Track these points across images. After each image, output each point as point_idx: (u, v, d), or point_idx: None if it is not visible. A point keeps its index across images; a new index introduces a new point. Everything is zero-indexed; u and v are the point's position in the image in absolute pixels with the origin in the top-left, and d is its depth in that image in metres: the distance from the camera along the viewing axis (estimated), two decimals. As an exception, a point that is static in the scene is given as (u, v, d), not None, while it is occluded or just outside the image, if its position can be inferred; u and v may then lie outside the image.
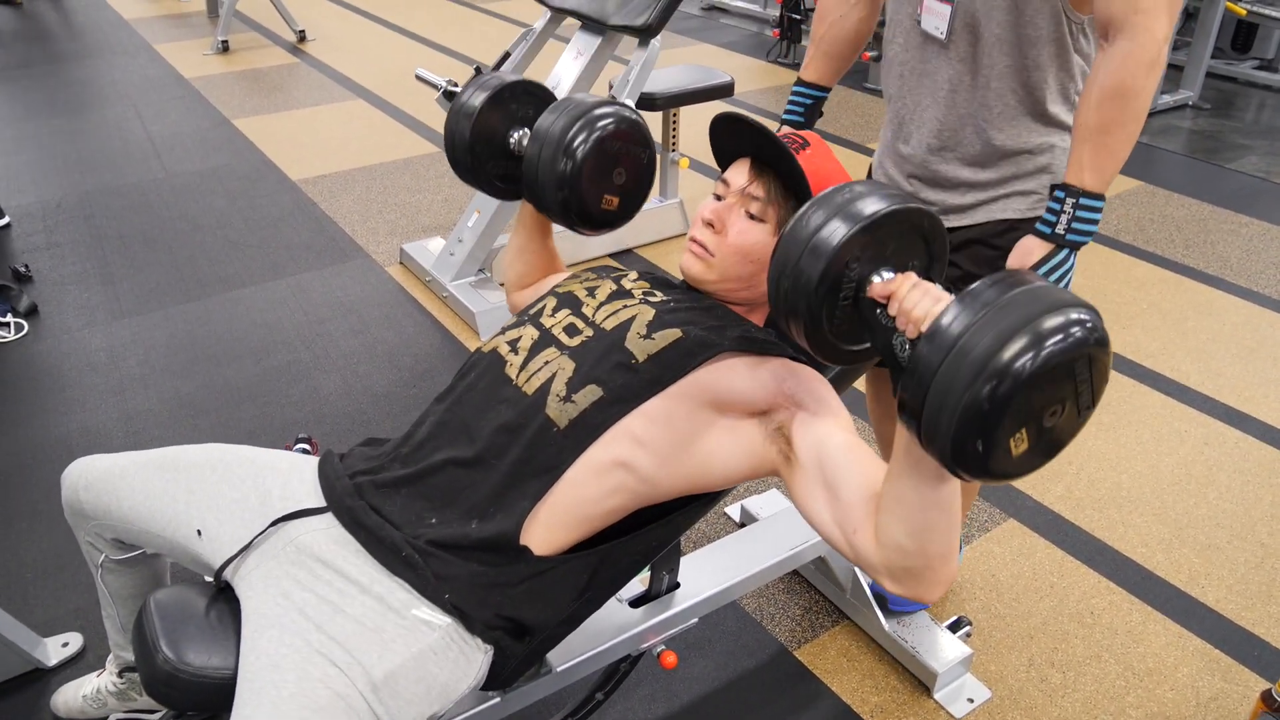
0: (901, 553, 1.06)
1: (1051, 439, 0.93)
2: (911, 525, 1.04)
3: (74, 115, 5.09)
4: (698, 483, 1.27)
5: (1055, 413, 0.91)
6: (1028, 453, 0.92)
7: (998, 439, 0.88)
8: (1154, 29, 1.37)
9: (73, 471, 1.43)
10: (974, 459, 0.89)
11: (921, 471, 1.00)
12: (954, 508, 1.04)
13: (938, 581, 1.08)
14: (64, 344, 3.03)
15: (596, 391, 1.24)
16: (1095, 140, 1.42)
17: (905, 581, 1.09)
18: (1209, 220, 4.08)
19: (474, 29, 7.05)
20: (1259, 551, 2.28)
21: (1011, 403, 0.86)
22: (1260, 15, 5.60)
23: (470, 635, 1.20)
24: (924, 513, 1.03)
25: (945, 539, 1.05)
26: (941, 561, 1.06)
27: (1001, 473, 0.92)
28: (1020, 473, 0.93)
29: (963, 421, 0.87)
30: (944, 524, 1.04)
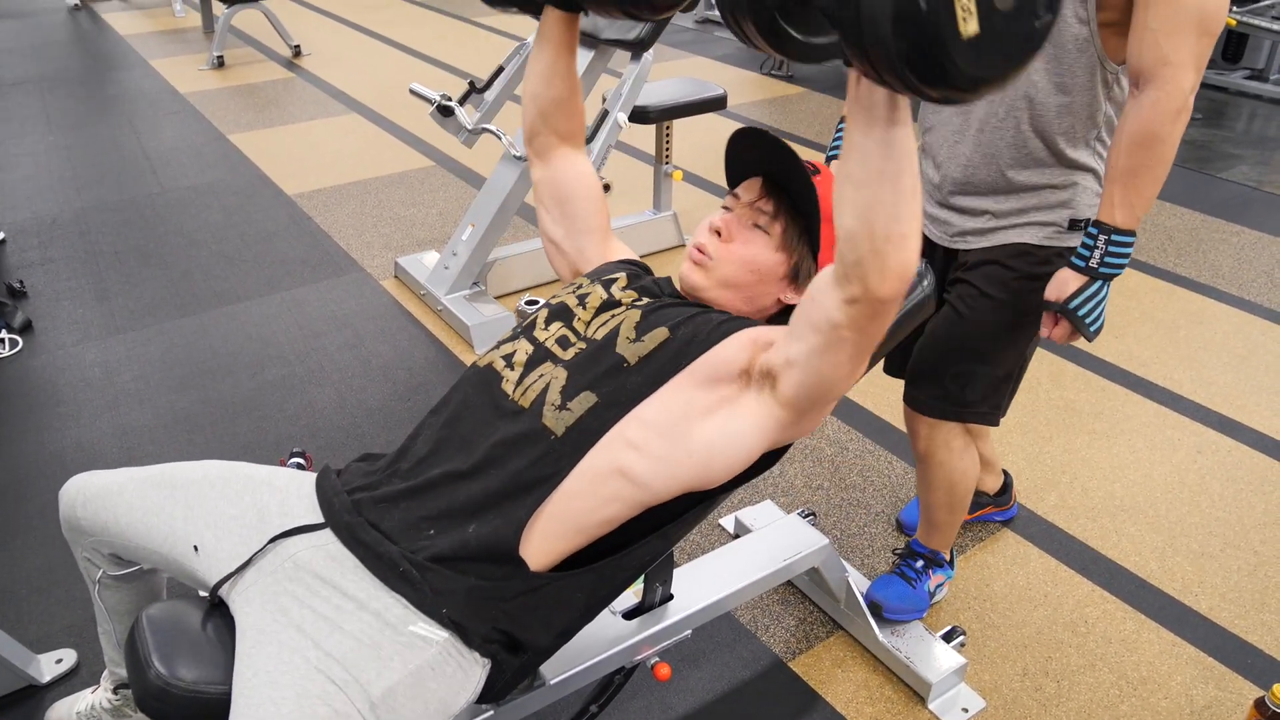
0: (851, 240, 1.05)
1: (1003, 31, 0.85)
2: (859, 204, 1.03)
3: (70, 131, 5.10)
4: (700, 476, 1.27)
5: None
6: (978, 40, 0.83)
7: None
8: (1181, 81, 1.45)
9: (70, 487, 1.43)
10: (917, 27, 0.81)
11: (869, 132, 0.98)
12: (904, 180, 1.01)
13: (888, 269, 1.05)
14: (59, 359, 3.04)
15: (591, 398, 1.26)
16: (1125, 181, 1.53)
17: (855, 274, 1.07)
18: (1200, 229, 4.10)
19: (468, 43, 7.08)
20: (1252, 559, 2.29)
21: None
22: (1250, 26, 5.64)
23: (468, 649, 1.20)
24: (871, 186, 1.01)
25: (896, 217, 1.02)
26: (892, 245, 1.03)
27: (953, 60, 0.83)
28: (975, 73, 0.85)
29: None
30: (894, 200, 1.01)
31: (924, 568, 2.07)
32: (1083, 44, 1.54)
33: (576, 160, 1.60)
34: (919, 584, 2.04)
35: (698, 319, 1.33)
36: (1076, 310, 1.62)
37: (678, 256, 3.82)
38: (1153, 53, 1.45)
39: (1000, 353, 1.80)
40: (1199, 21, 1.43)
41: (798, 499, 2.46)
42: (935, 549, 2.08)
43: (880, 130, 0.98)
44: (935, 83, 0.86)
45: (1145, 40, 1.45)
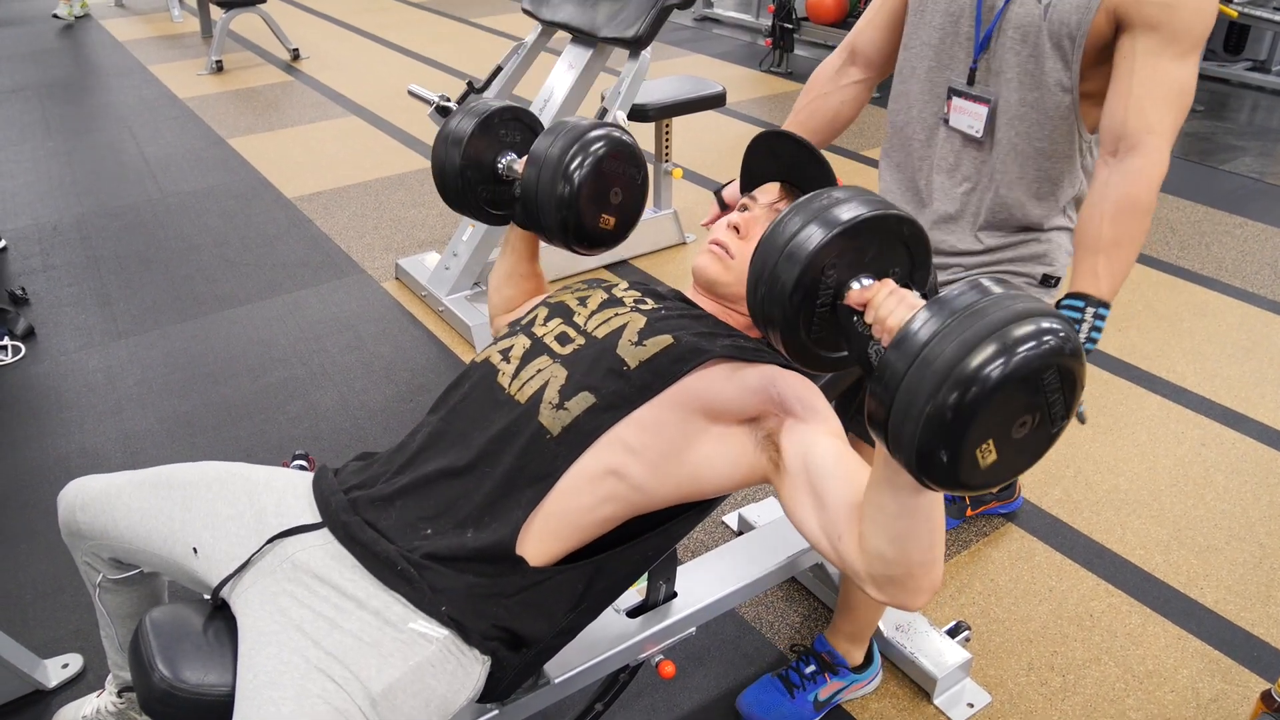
0: (883, 561, 1.06)
1: (1021, 451, 0.90)
2: (892, 533, 1.04)
3: (69, 138, 5.11)
4: (690, 491, 1.28)
5: (1025, 424, 0.88)
6: (997, 464, 0.89)
7: (963, 450, 0.85)
8: (1164, 148, 1.43)
9: (69, 492, 1.43)
10: (940, 469, 0.87)
11: (898, 481, 0.99)
12: (935, 516, 1.03)
13: (920, 589, 1.07)
14: (61, 366, 3.04)
15: (589, 398, 1.25)
16: (1110, 252, 1.45)
17: (888, 589, 1.08)
18: (1204, 222, 4.09)
19: (466, 44, 7.08)
20: (1257, 552, 2.28)
21: (976, 413, 0.83)
22: (1252, 17, 5.62)
23: (468, 647, 1.20)
24: (903, 521, 1.02)
25: (927, 547, 1.04)
26: (923, 570, 1.05)
27: (970, 484, 0.89)
28: (991, 484, 0.91)
29: (926, 431, 0.85)
30: (925, 532, 1.03)
31: (815, 673, 1.87)
32: (1065, 111, 1.51)
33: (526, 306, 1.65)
34: (801, 695, 1.85)
35: (703, 333, 1.31)
36: None
37: (679, 255, 3.82)
38: (1138, 120, 1.42)
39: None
40: (1180, 95, 1.41)
41: (801, 496, 2.45)
42: (838, 646, 1.88)
43: (908, 490, 1.00)
44: (949, 490, 0.90)
45: (1130, 106, 1.42)
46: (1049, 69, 1.49)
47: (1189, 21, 1.38)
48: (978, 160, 1.61)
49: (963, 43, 1.58)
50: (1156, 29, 1.39)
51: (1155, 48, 1.40)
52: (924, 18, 1.63)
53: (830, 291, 1.04)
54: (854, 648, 1.87)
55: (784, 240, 1.03)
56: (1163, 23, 1.38)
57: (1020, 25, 1.49)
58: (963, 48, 1.58)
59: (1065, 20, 1.44)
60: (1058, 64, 1.48)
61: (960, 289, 0.88)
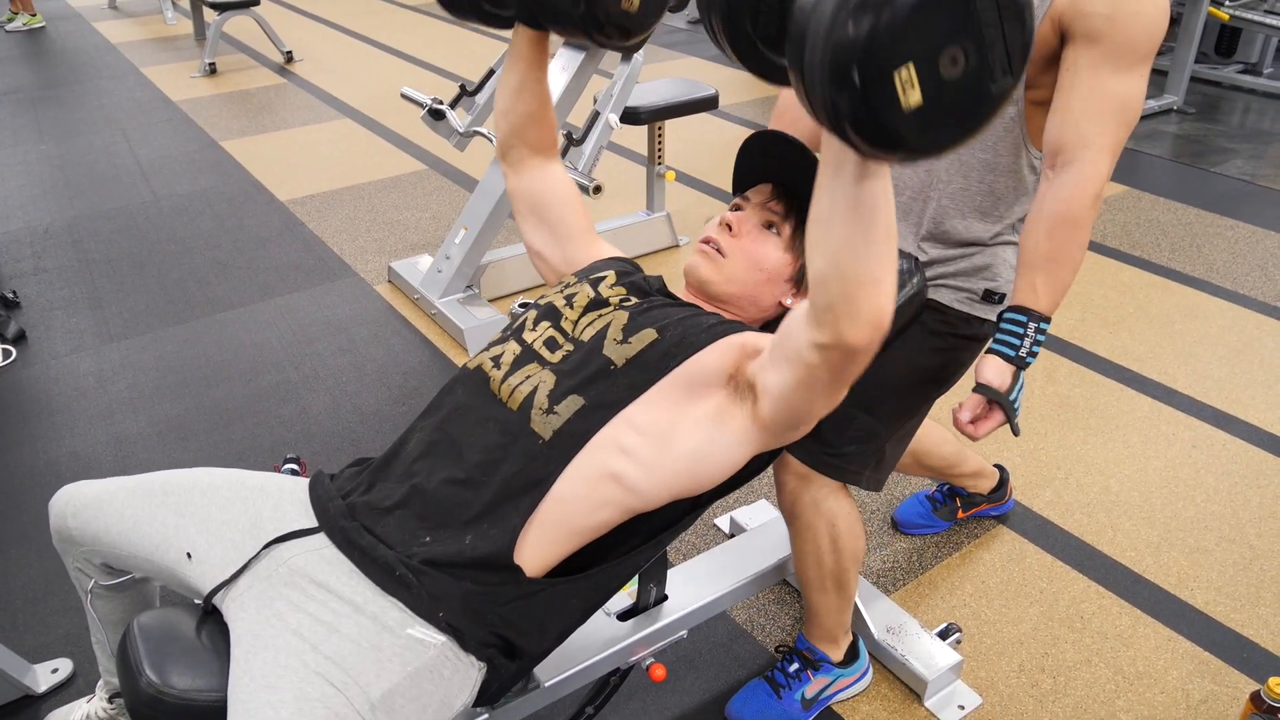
0: (822, 284, 1.02)
1: (953, 97, 0.80)
2: (830, 246, 1.00)
3: (61, 140, 5.10)
4: (688, 482, 1.27)
5: (955, 60, 0.78)
6: (924, 110, 0.78)
7: (878, 69, 0.75)
8: (1100, 164, 1.42)
9: (60, 498, 1.43)
10: (855, 98, 0.77)
11: (838, 176, 0.95)
12: (876, 225, 0.98)
13: (860, 315, 1.02)
14: (52, 369, 3.03)
15: (578, 401, 1.26)
16: (1046, 267, 1.46)
17: (827, 320, 1.04)
18: (1195, 224, 4.11)
19: (459, 46, 7.08)
20: (1247, 553, 2.29)
21: (884, 20, 0.74)
22: (1243, 20, 5.65)
23: (465, 653, 1.20)
24: (842, 228, 0.98)
25: (868, 262, 0.99)
26: (862, 290, 1.00)
27: (896, 129, 0.79)
28: (923, 139, 0.82)
29: (834, 49, 0.75)
30: (865, 243, 0.98)
31: (798, 671, 1.85)
32: (1009, 124, 1.51)
33: (550, 169, 1.60)
34: (787, 694, 1.84)
35: (687, 322, 1.32)
36: (1015, 402, 1.54)
37: (672, 257, 3.82)
38: (1074, 134, 1.42)
39: (885, 405, 1.66)
40: (1121, 109, 1.41)
41: (793, 498, 2.45)
42: (817, 644, 1.87)
43: (850, 176, 0.95)
44: (884, 148, 0.82)
45: (1066, 121, 1.43)
46: None
47: (1132, 35, 1.38)
48: (922, 170, 1.61)
49: None
50: (1098, 42, 1.39)
51: (1096, 61, 1.40)
52: None
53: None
54: (831, 645, 1.87)
55: None
56: (1104, 35, 1.38)
57: None
58: None
59: None
60: None
61: None
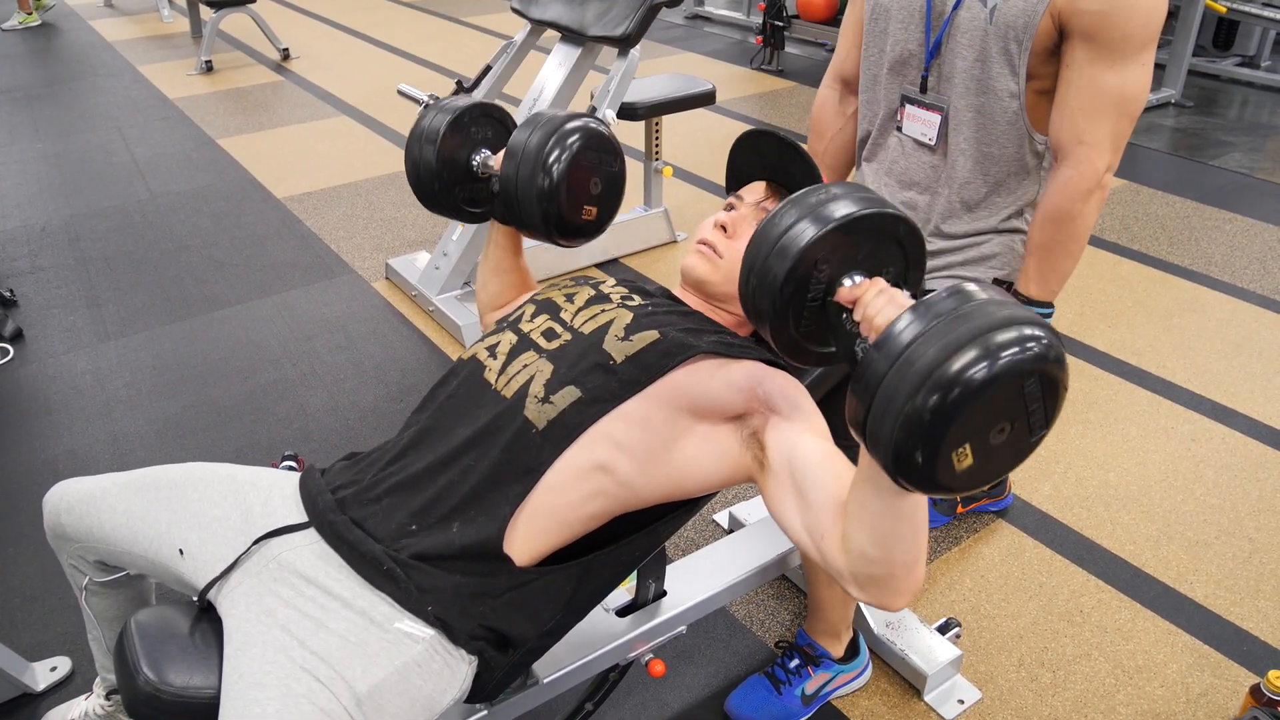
0: (866, 560, 1.06)
1: (999, 457, 0.90)
2: (875, 533, 1.04)
3: (58, 139, 5.09)
4: (676, 489, 1.27)
5: (1003, 430, 0.88)
6: (972, 469, 0.88)
7: (939, 452, 0.85)
8: (1095, 161, 1.45)
9: (54, 495, 1.42)
10: (915, 470, 0.87)
11: (881, 480, 0.99)
12: (918, 517, 1.03)
13: (901, 590, 1.07)
14: (50, 368, 3.03)
15: (574, 393, 1.25)
16: (1039, 255, 1.53)
17: (870, 589, 1.08)
18: (1193, 217, 4.10)
19: (455, 43, 7.06)
20: (1246, 546, 2.29)
21: (953, 416, 0.83)
22: (1241, 12, 5.64)
23: (454, 647, 1.20)
24: (886, 521, 1.02)
25: (909, 547, 1.04)
26: (905, 570, 1.05)
27: (945, 486, 0.89)
28: (966, 488, 0.91)
29: (903, 431, 0.85)
30: (908, 533, 1.03)
31: (799, 667, 1.86)
32: (1012, 117, 1.52)
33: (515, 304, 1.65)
34: (787, 690, 1.84)
35: (690, 329, 1.31)
36: None
37: (669, 253, 3.82)
38: (1070, 131, 1.44)
39: None
40: (1118, 103, 1.42)
41: (792, 493, 2.45)
42: (819, 640, 1.87)
43: (891, 495, 1.00)
44: (925, 492, 0.91)
45: (1064, 117, 1.45)
46: (995, 74, 1.50)
47: (1125, 29, 1.38)
48: (927, 166, 1.62)
49: (914, 50, 1.59)
50: (1092, 38, 1.40)
51: (1091, 57, 1.41)
52: (877, 25, 1.64)
53: (821, 287, 1.04)
54: (833, 641, 1.87)
55: (778, 234, 1.03)
56: (1098, 31, 1.39)
57: (967, 30, 1.50)
58: (915, 55, 1.59)
59: (1011, 23, 1.45)
60: (1004, 69, 1.49)
61: (946, 293, 0.88)
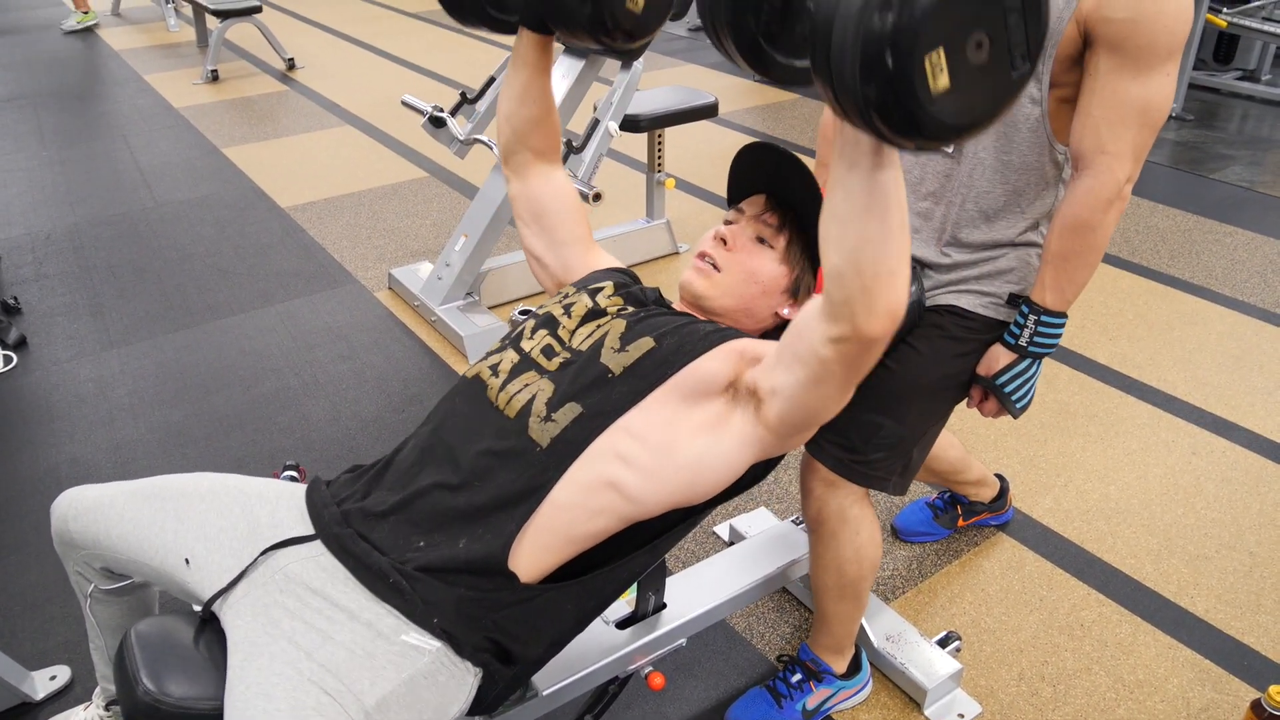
0: (838, 280, 1.04)
1: (978, 83, 0.83)
2: (846, 241, 1.01)
3: (63, 147, 5.11)
4: (687, 491, 1.27)
5: (980, 45, 0.81)
6: (951, 93, 0.81)
7: (911, 57, 0.78)
8: (1116, 170, 1.44)
9: (62, 502, 1.43)
10: (887, 89, 0.80)
11: (854, 169, 0.97)
12: (892, 215, 0.99)
13: (876, 307, 1.03)
14: (53, 375, 3.03)
15: (576, 409, 1.26)
16: (1056, 265, 1.52)
17: (843, 313, 1.05)
18: (1194, 230, 4.11)
19: (460, 53, 7.09)
20: (1248, 560, 2.28)
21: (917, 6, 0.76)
22: (1241, 27, 5.65)
23: (460, 659, 1.20)
24: (858, 221, 1.00)
25: (884, 254, 1.01)
26: (880, 282, 1.02)
27: (926, 114, 0.81)
28: (949, 124, 0.84)
29: (866, 36, 0.78)
30: (881, 235, 1.00)
31: (801, 682, 1.85)
32: (1034, 124, 1.51)
33: (553, 175, 1.61)
34: (789, 704, 1.83)
35: (684, 329, 1.33)
36: (1003, 386, 1.62)
37: (672, 265, 3.83)
38: (1092, 140, 1.44)
39: (910, 411, 1.67)
40: (1141, 113, 1.41)
41: (792, 506, 2.45)
42: (821, 656, 1.87)
43: (865, 169, 0.97)
44: (908, 133, 0.84)
45: (1086, 126, 1.44)
46: None
47: (1150, 39, 1.38)
48: (942, 174, 1.61)
49: None
50: (1118, 48, 1.39)
51: (1116, 66, 1.40)
52: None
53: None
54: (836, 657, 1.87)
55: None
56: (1125, 39, 1.38)
57: None
58: None
59: None
60: None
61: None
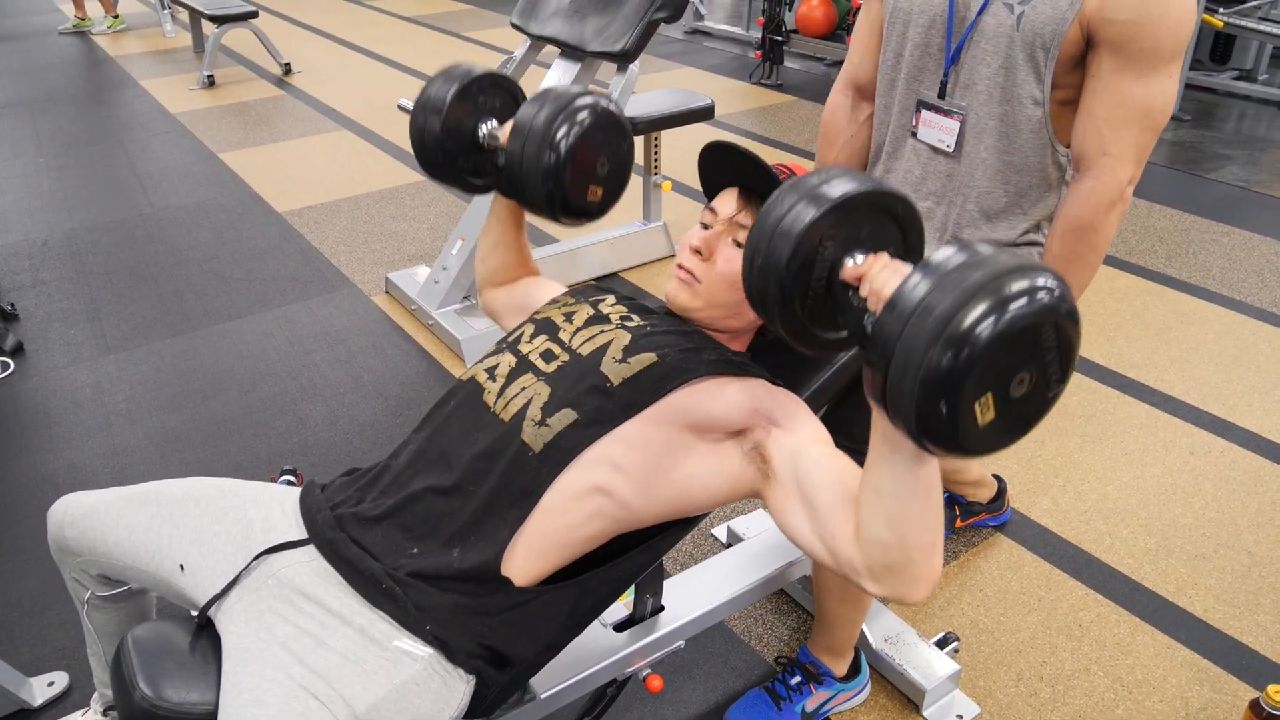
0: (881, 547, 1.04)
1: (1019, 411, 0.90)
2: (890, 515, 1.02)
3: (60, 153, 5.11)
4: (678, 508, 1.27)
5: (1022, 381, 0.88)
6: (995, 423, 0.88)
7: (961, 403, 0.85)
8: (1118, 172, 1.44)
9: (58, 509, 1.43)
10: (939, 426, 0.87)
11: (897, 453, 0.99)
12: (933, 495, 1.02)
13: (919, 577, 1.05)
14: (50, 381, 3.03)
15: (571, 415, 1.25)
16: (1058, 267, 1.51)
17: (886, 580, 1.06)
18: (1191, 230, 4.11)
19: (456, 58, 7.05)
20: (1246, 560, 2.28)
21: (974, 364, 0.84)
22: (1237, 27, 5.66)
23: (452, 666, 1.20)
24: (902, 500, 1.01)
25: (925, 529, 1.03)
26: (922, 553, 1.04)
27: (970, 444, 0.89)
28: (990, 447, 0.91)
29: (925, 384, 0.84)
30: (923, 512, 1.02)
31: (800, 684, 1.85)
32: (1036, 126, 1.51)
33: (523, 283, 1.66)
34: (788, 706, 1.83)
35: (689, 351, 1.30)
36: None
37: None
38: (1094, 141, 1.44)
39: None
40: (1143, 114, 1.41)
41: (790, 507, 2.45)
42: (821, 658, 1.87)
43: (908, 456, 0.99)
44: (949, 452, 0.91)
45: (1088, 128, 1.44)
46: (1020, 81, 1.49)
47: (1153, 41, 1.38)
48: (944, 174, 1.61)
49: (934, 55, 1.58)
50: (1121, 49, 1.39)
51: (1119, 67, 1.40)
52: (895, 30, 1.63)
53: (826, 265, 1.04)
54: (836, 659, 1.87)
55: (777, 218, 1.03)
56: (1128, 41, 1.38)
57: (993, 36, 1.49)
58: (934, 60, 1.58)
59: (1039, 31, 1.44)
60: (1030, 76, 1.48)
61: (949, 250, 0.88)
